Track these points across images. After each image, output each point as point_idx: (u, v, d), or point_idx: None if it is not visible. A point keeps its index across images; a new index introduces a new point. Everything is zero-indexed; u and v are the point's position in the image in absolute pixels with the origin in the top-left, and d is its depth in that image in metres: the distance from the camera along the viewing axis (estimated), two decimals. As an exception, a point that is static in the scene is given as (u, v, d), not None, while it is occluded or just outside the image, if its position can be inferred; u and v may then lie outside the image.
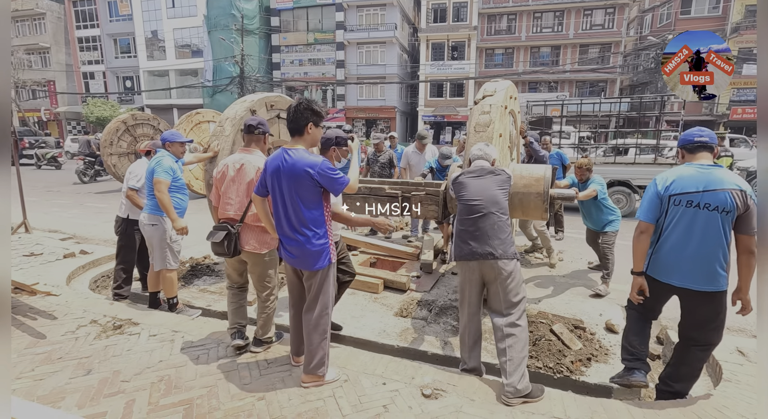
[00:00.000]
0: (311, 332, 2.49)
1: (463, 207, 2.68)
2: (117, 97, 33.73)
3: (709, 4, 25.28)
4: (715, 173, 2.28)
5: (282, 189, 2.36)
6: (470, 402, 2.41)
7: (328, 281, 2.51)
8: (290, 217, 2.38)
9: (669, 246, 2.37)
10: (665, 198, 2.36)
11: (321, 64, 30.74)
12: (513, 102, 4.12)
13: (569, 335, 3.23)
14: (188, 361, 2.87)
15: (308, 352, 2.51)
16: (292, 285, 2.64)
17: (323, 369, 2.53)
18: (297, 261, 2.44)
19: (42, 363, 2.83)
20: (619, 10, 27.31)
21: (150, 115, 12.87)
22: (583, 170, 4.51)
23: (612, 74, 27.26)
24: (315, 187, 2.33)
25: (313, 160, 2.32)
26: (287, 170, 2.32)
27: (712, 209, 2.23)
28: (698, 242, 2.27)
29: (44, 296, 3.89)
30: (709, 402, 2.45)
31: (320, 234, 2.39)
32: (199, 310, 3.88)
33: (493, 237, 2.55)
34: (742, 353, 2.99)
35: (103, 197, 11.04)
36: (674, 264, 2.35)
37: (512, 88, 4.06)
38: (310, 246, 2.37)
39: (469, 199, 2.65)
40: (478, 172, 2.75)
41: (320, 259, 2.40)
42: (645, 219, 2.44)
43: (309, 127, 2.40)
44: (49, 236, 6.37)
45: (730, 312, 2.39)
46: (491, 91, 3.63)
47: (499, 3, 28.75)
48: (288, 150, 2.36)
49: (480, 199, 2.61)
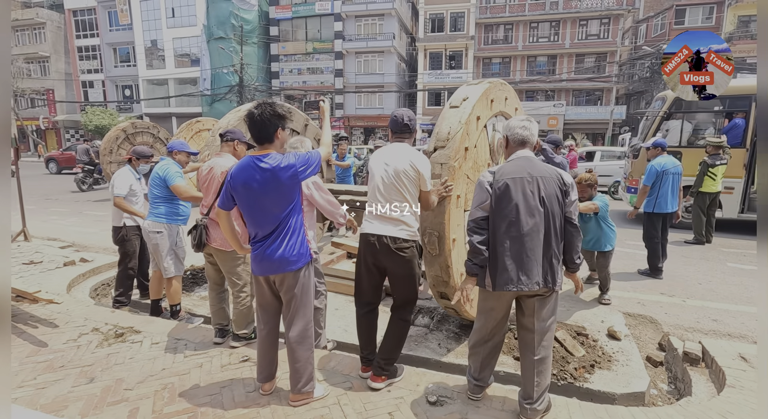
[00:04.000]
0: (297, 347, 2.35)
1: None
2: (116, 106, 33.81)
3: (702, 15, 25.74)
4: (673, 159, 5.25)
5: (260, 197, 2.22)
6: (476, 409, 2.40)
7: (309, 284, 2.39)
8: (267, 223, 2.26)
9: (663, 193, 5.12)
10: (660, 172, 5.15)
11: (320, 72, 30.97)
12: (505, 103, 3.51)
13: (572, 342, 3.23)
14: (192, 369, 2.85)
15: (295, 371, 2.38)
16: (265, 300, 2.44)
17: (312, 385, 2.43)
18: (274, 266, 2.27)
19: (44, 372, 2.81)
20: (614, 21, 27.70)
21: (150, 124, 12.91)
22: (583, 186, 4.02)
23: (608, 83, 27.56)
24: (296, 186, 2.27)
25: (289, 160, 2.23)
26: (266, 178, 2.19)
27: (675, 174, 5.16)
28: (674, 189, 5.14)
29: (45, 304, 3.87)
30: (713, 407, 2.46)
31: (299, 233, 2.32)
32: (201, 318, 3.87)
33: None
34: (744, 359, 3.00)
35: (102, 205, 11.01)
36: (668, 202, 5.12)
37: (497, 89, 3.36)
38: (289, 247, 2.27)
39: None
40: None
41: (302, 257, 2.31)
42: (648, 183, 5.20)
43: (278, 132, 2.29)
44: (49, 244, 6.35)
45: (736, 319, 2.40)
46: (458, 102, 2.99)
47: (495, 13, 29.12)
48: (261, 157, 2.23)
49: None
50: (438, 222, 2.77)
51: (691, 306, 4.39)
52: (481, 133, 3.12)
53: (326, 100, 2.82)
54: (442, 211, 2.75)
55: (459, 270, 2.94)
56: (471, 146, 2.97)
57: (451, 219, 2.81)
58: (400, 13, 30.11)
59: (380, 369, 2.59)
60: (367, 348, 2.72)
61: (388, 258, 2.48)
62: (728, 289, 4.87)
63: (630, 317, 4.06)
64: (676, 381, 3.15)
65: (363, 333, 2.72)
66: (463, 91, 3.11)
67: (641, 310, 4.23)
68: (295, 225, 2.30)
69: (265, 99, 2.34)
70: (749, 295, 4.67)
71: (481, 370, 2.46)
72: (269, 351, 2.51)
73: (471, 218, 2.24)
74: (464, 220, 3.00)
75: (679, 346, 3.30)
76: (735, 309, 4.28)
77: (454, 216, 2.85)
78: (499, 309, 2.31)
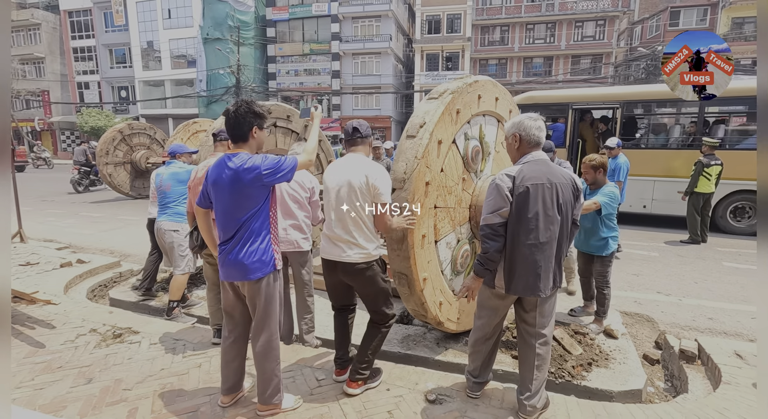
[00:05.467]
0: (263, 359, 2.26)
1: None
2: (112, 107, 33.68)
3: (696, 16, 25.94)
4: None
5: (225, 197, 2.15)
6: (474, 407, 2.42)
7: (275, 294, 2.26)
8: (229, 225, 2.17)
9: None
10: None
11: (316, 74, 30.96)
12: (496, 104, 3.35)
13: (570, 340, 3.25)
14: (191, 369, 2.85)
15: (261, 381, 2.29)
16: (230, 306, 2.34)
17: (279, 397, 2.33)
18: (238, 273, 2.17)
19: (42, 373, 2.80)
20: (609, 22, 27.89)
21: (146, 125, 12.88)
22: (587, 167, 3.45)
23: (604, 84, 27.72)
24: (261, 188, 2.15)
25: (255, 161, 2.12)
26: (229, 178, 2.12)
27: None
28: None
29: (43, 305, 3.86)
30: (709, 404, 2.48)
31: (261, 240, 2.19)
32: (195, 318, 3.89)
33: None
34: (740, 356, 3.02)
35: (98, 206, 10.97)
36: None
37: (485, 88, 3.16)
38: (249, 253, 2.15)
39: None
40: None
41: (264, 266, 2.18)
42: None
43: (253, 131, 2.21)
44: (45, 245, 6.32)
45: (732, 318, 2.42)
46: (414, 130, 2.65)
47: (492, 15, 29.25)
48: (230, 156, 2.17)
49: None
50: (404, 265, 2.64)
51: (687, 304, 4.43)
52: (448, 151, 2.88)
53: (319, 107, 2.66)
54: (406, 255, 2.59)
55: (436, 301, 2.89)
56: (434, 176, 2.73)
57: (418, 259, 2.65)
58: (397, 14, 30.18)
59: (356, 374, 2.52)
60: (340, 349, 2.70)
61: (350, 278, 2.45)
62: (724, 288, 4.91)
63: (627, 316, 4.09)
64: (673, 379, 3.17)
65: (337, 334, 2.69)
66: (421, 111, 2.75)
67: (638, 309, 4.26)
68: (257, 231, 2.17)
69: (243, 98, 2.26)
70: (745, 294, 4.71)
71: (482, 368, 2.48)
72: (233, 361, 2.38)
73: (487, 223, 2.14)
74: (435, 254, 2.87)
75: (676, 344, 3.33)
76: (731, 308, 4.31)
77: (421, 255, 2.69)
78: (503, 308, 2.34)
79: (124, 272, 5.26)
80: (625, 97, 8.46)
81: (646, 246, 6.78)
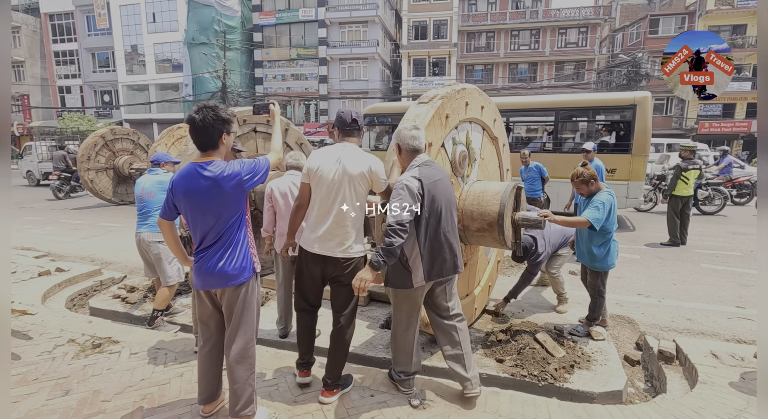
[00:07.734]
0: (236, 366, 2.18)
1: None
2: (94, 112, 33.11)
3: (675, 24, 26.73)
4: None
5: (202, 207, 2.09)
6: (458, 411, 2.43)
7: (252, 300, 2.23)
8: (208, 234, 2.13)
9: None
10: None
11: (304, 78, 30.93)
12: (482, 112, 3.42)
13: (552, 343, 3.29)
14: (172, 379, 2.81)
15: (233, 392, 2.21)
16: (206, 315, 2.30)
17: (252, 408, 2.24)
18: (217, 280, 2.14)
19: (16, 385, 2.72)
20: (591, 30, 28.55)
21: (129, 130, 12.69)
22: (578, 183, 3.40)
23: (587, 90, 28.28)
24: (241, 194, 2.15)
25: (234, 168, 2.11)
26: (207, 187, 2.06)
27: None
28: None
29: (18, 315, 3.76)
30: (685, 403, 2.54)
31: (242, 246, 2.19)
32: (178, 326, 3.83)
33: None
34: (716, 356, 3.10)
35: (79, 213, 10.74)
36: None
37: (472, 96, 3.22)
38: (230, 260, 2.14)
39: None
40: None
41: (245, 271, 2.18)
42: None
43: (222, 138, 2.14)
44: (23, 254, 6.16)
45: (709, 318, 2.49)
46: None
47: (477, 21, 29.68)
48: (203, 165, 2.09)
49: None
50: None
51: (667, 306, 4.53)
52: (438, 154, 2.92)
53: (276, 103, 2.58)
54: None
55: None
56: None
57: None
58: (384, 20, 30.38)
59: (332, 385, 2.55)
60: (307, 353, 2.68)
61: (337, 269, 2.45)
62: (702, 289, 5.03)
63: (609, 318, 4.15)
64: (653, 379, 3.24)
65: (305, 336, 2.65)
66: (412, 115, 2.79)
67: (619, 311, 4.34)
68: (238, 238, 2.17)
69: (206, 102, 2.20)
70: (721, 294, 4.83)
71: (415, 362, 2.63)
72: (210, 370, 2.34)
73: (398, 221, 2.19)
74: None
75: (655, 345, 3.40)
76: (708, 308, 4.42)
77: None
78: (420, 298, 2.53)
79: (105, 280, 5.16)
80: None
81: (628, 248, 6.91)
